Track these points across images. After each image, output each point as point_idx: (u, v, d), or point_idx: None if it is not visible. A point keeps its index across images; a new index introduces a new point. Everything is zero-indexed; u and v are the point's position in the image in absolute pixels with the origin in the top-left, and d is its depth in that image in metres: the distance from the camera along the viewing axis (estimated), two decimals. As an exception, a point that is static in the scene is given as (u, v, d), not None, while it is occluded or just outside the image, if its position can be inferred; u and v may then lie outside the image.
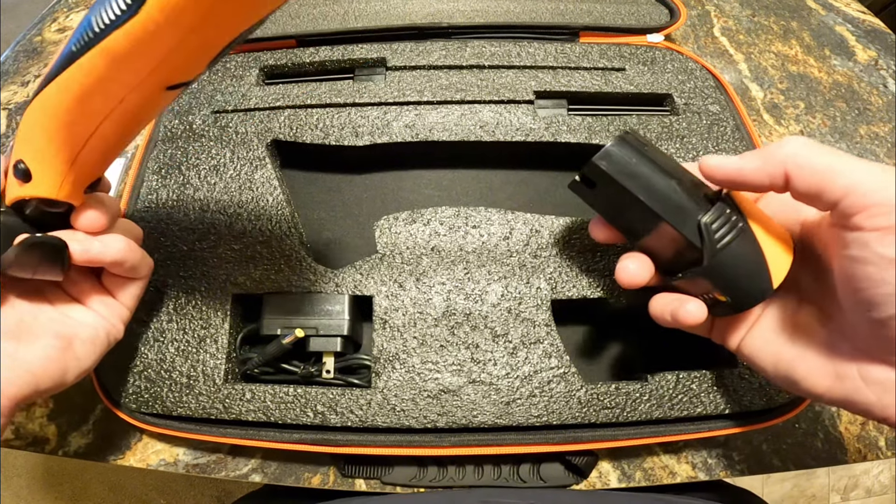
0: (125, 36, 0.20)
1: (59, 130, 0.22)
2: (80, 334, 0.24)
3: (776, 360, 0.23)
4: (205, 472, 0.30)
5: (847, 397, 0.20)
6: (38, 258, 0.22)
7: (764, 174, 0.20)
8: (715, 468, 0.30)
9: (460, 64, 0.36)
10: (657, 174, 0.23)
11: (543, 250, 0.30)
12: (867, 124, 0.40)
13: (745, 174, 0.21)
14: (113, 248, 0.24)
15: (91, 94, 0.22)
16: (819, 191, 0.19)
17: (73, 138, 0.23)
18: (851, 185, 0.18)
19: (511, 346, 0.28)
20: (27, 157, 0.23)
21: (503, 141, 0.34)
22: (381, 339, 0.29)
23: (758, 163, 0.20)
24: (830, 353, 0.21)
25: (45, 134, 0.22)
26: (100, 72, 0.21)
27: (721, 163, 0.21)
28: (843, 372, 0.20)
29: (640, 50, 0.38)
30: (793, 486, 0.97)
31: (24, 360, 0.22)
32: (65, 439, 0.31)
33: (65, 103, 0.22)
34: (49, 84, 0.22)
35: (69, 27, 0.47)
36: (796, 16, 0.46)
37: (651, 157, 0.23)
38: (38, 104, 0.22)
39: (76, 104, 0.22)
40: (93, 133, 0.23)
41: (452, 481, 0.29)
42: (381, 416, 0.27)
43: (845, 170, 0.18)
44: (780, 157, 0.20)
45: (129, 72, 0.21)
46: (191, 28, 0.20)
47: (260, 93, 0.35)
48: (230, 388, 0.28)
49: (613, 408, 0.27)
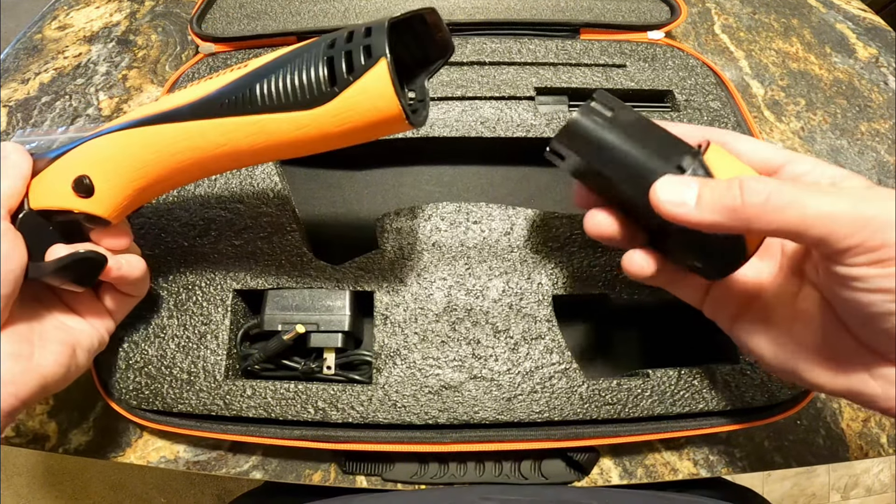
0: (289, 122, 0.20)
1: (153, 166, 0.23)
2: (80, 342, 0.25)
3: (776, 348, 0.22)
4: (205, 469, 0.30)
5: (851, 389, 0.20)
6: (79, 271, 0.23)
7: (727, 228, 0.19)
8: (717, 465, 0.30)
9: (461, 60, 0.36)
10: (624, 142, 0.22)
11: (545, 246, 0.30)
12: (868, 121, 0.40)
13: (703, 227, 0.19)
14: (136, 267, 0.25)
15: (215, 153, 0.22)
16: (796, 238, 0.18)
17: (161, 177, 0.23)
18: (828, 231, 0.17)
19: (512, 341, 0.28)
20: (96, 176, 0.23)
21: (504, 137, 0.34)
22: (382, 334, 0.29)
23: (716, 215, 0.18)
24: (833, 344, 0.20)
25: (134, 163, 0.23)
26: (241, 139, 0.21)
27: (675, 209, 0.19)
28: (848, 362, 0.20)
29: (640, 46, 0.38)
30: (793, 484, 0.97)
31: (39, 364, 0.22)
32: (65, 436, 0.31)
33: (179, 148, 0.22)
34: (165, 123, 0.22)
35: (69, 25, 0.47)
36: (797, 13, 0.46)
37: (620, 123, 0.22)
38: (143, 135, 0.22)
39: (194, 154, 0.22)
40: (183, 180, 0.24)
41: (454, 478, 0.29)
42: (382, 412, 0.27)
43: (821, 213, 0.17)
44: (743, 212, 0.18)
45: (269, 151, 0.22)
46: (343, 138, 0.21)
47: (260, 89, 0.35)
48: (231, 384, 0.28)
49: (615, 404, 0.27)
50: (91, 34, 0.46)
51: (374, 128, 0.21)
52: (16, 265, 0.22)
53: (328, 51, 0.20)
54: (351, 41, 0.20)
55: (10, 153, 0.23)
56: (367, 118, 0.20)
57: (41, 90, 0.42)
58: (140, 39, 0.45)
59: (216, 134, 0.21)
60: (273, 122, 0.21)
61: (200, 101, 0.21)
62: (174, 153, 0.22)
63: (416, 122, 0.21)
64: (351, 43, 0.20)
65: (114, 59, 0.44)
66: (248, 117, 0.21)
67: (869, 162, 0.38)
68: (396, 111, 0.20)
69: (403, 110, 0.20)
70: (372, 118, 0.20)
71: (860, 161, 0.38)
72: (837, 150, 0.39)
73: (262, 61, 0.21)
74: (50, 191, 0.23)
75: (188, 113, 0.21)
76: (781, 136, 0.39)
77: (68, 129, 0.40)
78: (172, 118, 0.22)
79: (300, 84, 0.20)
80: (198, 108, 0.21)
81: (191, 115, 0.21)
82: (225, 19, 0.40)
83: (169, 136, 0.22)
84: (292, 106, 0.20)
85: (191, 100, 0.22)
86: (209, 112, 0.21)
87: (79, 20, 0.47)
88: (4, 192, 0.22)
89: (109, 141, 0.23)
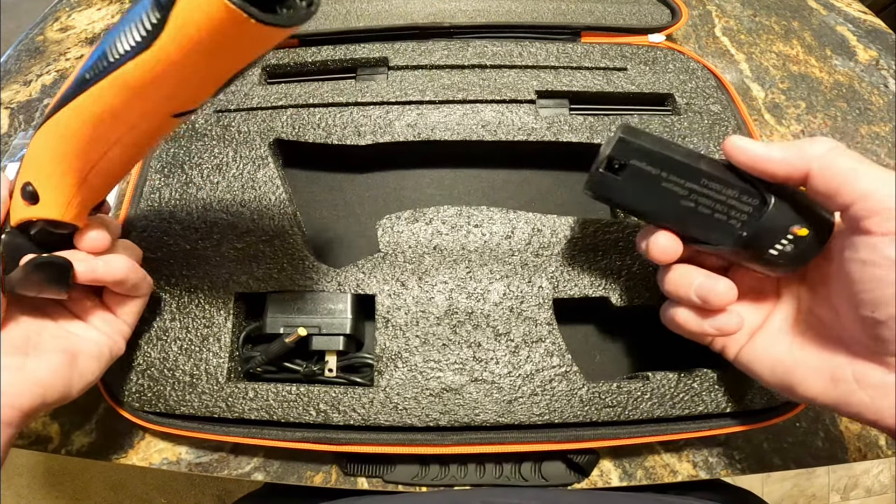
0: (139, 67, 0.20)
1: (67, 155, 0.23)
2: (83, 350, 0.24)
3: (773, 366, 0.23)
4: (207, 471, 0.30)
5: (841, 399, 0.21)
6: (44, 277, 0.23)
7: (788, 167, 0.21)
8: (716, 467, 0.30)
9: (462, 64, 0.36)
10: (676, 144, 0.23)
11: (545, 249, 0.30)
12: (868, 124, 0.40)
13: (769, 163, 0.21)
14: (116, 268, 0.25)
15: (102, 121, 0.22)
16: (836, 192, 0.20)
17: (82, 163, 0.23)
18: (866, 190, 0.19)
19: (513, 344, 0.28)
20: (35, 180, 0.23)
21: (505, 140, 0.34)
22: (384, 337, 0.29)
23: (784, 155, 0.21)
24: (827, 358, 0.22)
25: (54, 158, 0.23)
26: (111, 100, 0.21)
27: (748, 147, 0.21)
28: (839, 375, 0.21)
29: (641, 50, 0.38)
30: (793, 485, 0.98)
31: (33, 373, 0.22)
32: (68, 438, 0.31)
33: (75, 129, 0.22)
34: (60, 109, 0.22)
35: (71, 26, 0.47)
36: (797, 16, 0.46)
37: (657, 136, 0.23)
38: (49, 129, 0.22)
39: (87, 130, 0.22)
40: (101, 158, 0.23)
41: (454, 480, 0.29)
42: (384, 414, 0.27)
43: (864, 176, 0.19)
44: (807, 156, 0.20)
45: (141, 101, 0.21)
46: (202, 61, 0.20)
47: (262, 92, 0.36)
48: (233, 386, 0.28)
49: (615, 406, 0.27)
50: (93, 35, 0.46)
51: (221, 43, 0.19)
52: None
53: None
54: None
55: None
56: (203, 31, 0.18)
57: (43, 92, 0.42)
58: (142, 41, 0.45)
59: (91, 103, 0.21)
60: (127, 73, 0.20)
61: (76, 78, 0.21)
62: (75, 134, 0.22)
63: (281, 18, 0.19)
64: None
65: (116, 61, 0.44)
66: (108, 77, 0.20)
67: (869, 165, 0.38)
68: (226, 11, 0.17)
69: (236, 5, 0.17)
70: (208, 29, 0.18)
71: (860, 164, 0.38)
72: (837, 153, 0.39)
73: None
74: (14, 205, 0.23)
75: (71, 93, 0.21)
76: (781, 139, 0.39)
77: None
78: (64, 101, 0.21)
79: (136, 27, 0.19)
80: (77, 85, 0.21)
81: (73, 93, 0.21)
82: (227, 22, 0.40)
83: (64, 119, 0.22)
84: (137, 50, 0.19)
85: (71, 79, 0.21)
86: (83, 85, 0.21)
87: (80, 22, 0.47)
88: None
89: (34, 142, 0.23)
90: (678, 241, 0.24)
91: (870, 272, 0.19)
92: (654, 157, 0.22)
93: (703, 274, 0.24)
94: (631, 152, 0.22)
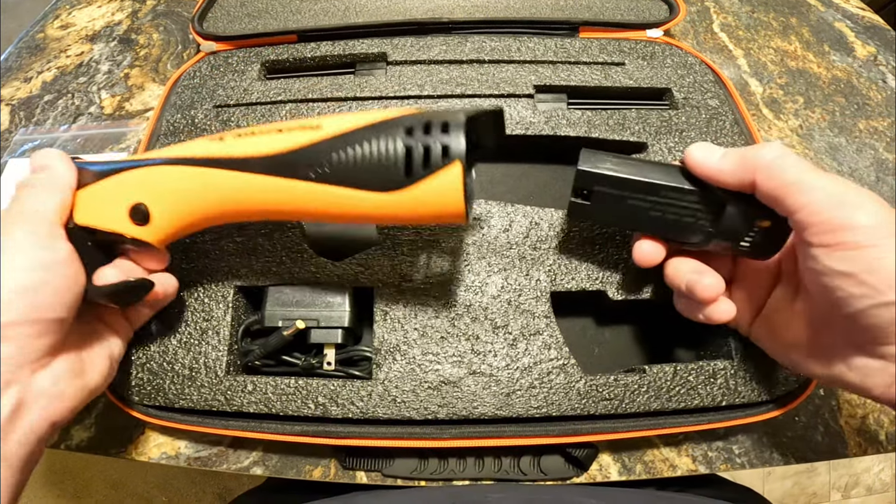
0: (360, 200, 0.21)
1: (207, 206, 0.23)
2: (114, 354, 0.26)
3: (776, 344, 0.25)
4: (206, 466, 0.30)
5: (836, 378, 0.22)
6: (128, 296, 0.24)
7: (736, 178, 0.22)
8: (715, 461, 0.30)
9: (461, 58, 0.37)
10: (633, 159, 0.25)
11: (543, 243, 0.30)
12: (866, 119, 0.40)
13: (720, 174, 0.22)
14: (173, 288, 0.27)
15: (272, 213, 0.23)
16: (779, 201, 0.21)
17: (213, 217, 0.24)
18: (805, 201, 0.20)
19: (511, 337, 0.28)
20: (154, 206, 0.23)
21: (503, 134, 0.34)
22: (382, 330, 0.29)
23: (732, 167, 0.22)
24: (819, 341, 0.23)
25: (191, 201, 0.23)
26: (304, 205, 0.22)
27: (700, 161, 0.23)
28: (830, 357, 0.22)
29: (639, 45, 0.38)
30: (793, 483, 0.97)
31: (91, 379, 0.24)
32: (67, 433, 0.31)
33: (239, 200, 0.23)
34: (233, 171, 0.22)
35: (71, 24, 0.47)
36: (795, 12, 0.46)
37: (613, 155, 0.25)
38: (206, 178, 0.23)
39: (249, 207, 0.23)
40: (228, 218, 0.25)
41: (453, 474, 0.29)
42: (382, 407, 0.27)
43: (805, 187, 0.20)
44: (753, 165, 0.21)
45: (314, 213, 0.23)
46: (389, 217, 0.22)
47: (261, 87, 0.36)
48: (232, 379, 0.28)
49: (612, 399, 0.27)
50: (93, 33, 0.46)
51: (433, 219, 0.23)
52: (79, 288, 0.22)
53: (406, 138, 0.21)
54: (429, 133, 0.21)
55: (56, 164, 0.23)
56: (431, 211, 0.22)
57: (44, 89, 0.42)
58: (142, 38, 0.45)
59: (285, 194, 0.22)
60: (344, 196, 0.21)
61: (273, 157, 0.22)
62: (239, 200, 0.23)
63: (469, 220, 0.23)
64: (429, 136, 0.21)
65: (116, 57, 0.44)
66: (319, 186, 0.21)
67: (867, 159, 0.38)
68: (461, 211, 0.21)
69: (467, 212, 0.21)
70: (436, 212, 0.22)
71: (858, 159, 0.38)
72: (836, 148, 0.39)
73: (336, 125, 0.22)
74: (102, 211, 0.23)
75: (259, 166, 0.22)
76: (780, 134, 0.39)
77: (70, 127, 0.40)
78: (242, 167, 0.22)
79: (376, 167, 0.21)
80: (270, 165, 0.22)
81: (262, 169, 0.22)
82: (226, 18, 0.40)
83: (236, 184, 0.22)
84: (365, 186, 0.21)
85: (262, 153, 0.22)
86: (281, 171, 0.22)
87: (81, 19, 0.47)
88: (58, 208, 0.23)
89: (172, 174, 0.23)
90: (659, 246, 0.26)
91: (819, 279, 0.20)
92: (612, 181, 0.25)
93: (691, 268, 0.25)
94: (591, 180, 0.25)
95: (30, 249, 0.21)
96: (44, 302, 0.21)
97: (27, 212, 0.22)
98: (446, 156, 0.21)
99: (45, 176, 0.23)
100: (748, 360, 0.28)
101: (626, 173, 0.24)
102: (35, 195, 0.22)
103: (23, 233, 0.21)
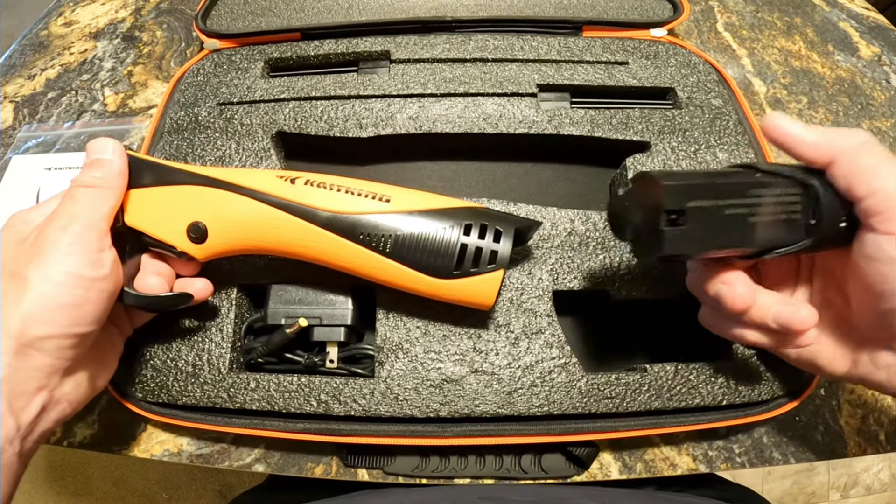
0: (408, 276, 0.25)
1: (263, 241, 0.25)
2: (119, 352, 0.27)
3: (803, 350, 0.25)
4: (208, 463, 0.30)
5: (863, 377, 0.23)
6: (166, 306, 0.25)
7: (815, 151, 0.21)
8: (715, 461, 0.30)
9: (464, 57, 0.37)
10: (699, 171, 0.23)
11: (545, 241, 0.30)
12: (870, 119, 0.40)
13: (801, 144, 0.22)
14: (207, 294, 0.27)
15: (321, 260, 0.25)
16: (852, 185, 0.20)
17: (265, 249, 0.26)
18: (878, 188, 0.20)
19: (513, 336, 0.29)
20: (213, 228, 0.25)
21: (506, 133, 0.34)
22: (385, 328, 0.29)
23: (816, 139, 0.21)
24: (847, 344, 0.24)
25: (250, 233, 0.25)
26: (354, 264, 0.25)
27: (785, 125, 0.22)
28: (857, 358, 0.23)
29: (643, 44, 0.38)
30: (793, 483, 0.97)
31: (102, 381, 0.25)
32: (70, 430, 0.31)
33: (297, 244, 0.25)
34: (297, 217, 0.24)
35: (75, 21, 0.47)
36: (800, 12, 0.46)
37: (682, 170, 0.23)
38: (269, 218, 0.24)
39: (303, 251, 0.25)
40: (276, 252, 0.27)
41: (454, 472, 0.29)
42: (384, 405, 0.27)
43: (880, 174, 0.20)
44: (837, 145, 0.21)
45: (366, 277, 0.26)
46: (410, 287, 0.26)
47: (265, 85, 0.36)
48: (235, 377, 0.28)
49: (613, 398, 0.27)
50: (97, 30, 0.46)
51: (462, 304, 0.26)
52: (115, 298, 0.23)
53: (463, 237, 0.24)
54: (483, 237, 0.24)
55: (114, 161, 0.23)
56: (465, 299, 0.25)
57: (47, 86, 0.42)
58: (145, 36, 0.45)
59: (339, 250, 0.24)
60: (393, 268, 0.24)
61: (339, 216, 0.24)
62: (295, 244, 0.25)
63: None
64: (483, 240, 0.24)
65: (119, 55, 0.44)
66: (374, 254, 0.24)
67: (870, 160, 0.38)
68: (489, 305, 0.26)
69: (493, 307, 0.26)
70: (468, 301, 0.25)
71: (861, 159, 0.38)
72: (839, 149, 0.39)
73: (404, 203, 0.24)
74: (158, 220, 0.24)
75: (324, 221, 0.24)
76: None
77: (74, 124, 0.40)
78: (307, 217, 0.24)
79: (430, 254, 0.24)
80: (334, 222, 0.24)
81: (325, 224, 0.24)
82: (229, 16, 0.40)
83: (297, 230, 0.24)
84: (415, 266, 0.24)
85: (330, 209, 0.24)
86: (342, 231, 0.24)
87: (84, 17, 0.47)
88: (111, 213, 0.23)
89: (240, 204, 0.24)
90: (749, 281, 0.23)
91: (874, 267, 0.20)
92: (706, 189, 0.21)
93: (776, 300, 0.23)
94: (682, 196, 0.20)
95: (76, 265, 0.21)
96: (83, 318, 0.21)
97: (80, 216, 0.22)
98: (493, 262, 0.24)
99: (101, 175, 0.23)
100: (749, 360, 0.28)
101: (711, 179, 0.21)
102: (89, 197, 0.22)
103: (70, 239, 0.21)
